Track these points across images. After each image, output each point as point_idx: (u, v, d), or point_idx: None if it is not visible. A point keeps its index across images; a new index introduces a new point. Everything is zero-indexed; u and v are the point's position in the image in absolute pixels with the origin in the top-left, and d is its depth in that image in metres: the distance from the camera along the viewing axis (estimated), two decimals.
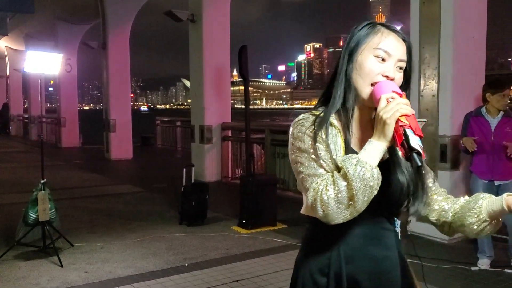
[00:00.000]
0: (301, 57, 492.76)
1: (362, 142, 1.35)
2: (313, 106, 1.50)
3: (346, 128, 1.39)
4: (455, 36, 5.05)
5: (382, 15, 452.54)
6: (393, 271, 1.45)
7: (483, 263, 4.38)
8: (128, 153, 13.16)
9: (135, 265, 4.52)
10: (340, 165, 1.27)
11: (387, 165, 1.38)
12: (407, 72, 1.42)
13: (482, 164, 4.37)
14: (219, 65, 9.36)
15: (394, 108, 1.23)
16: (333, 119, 1.38)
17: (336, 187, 1.24)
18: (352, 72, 1.39)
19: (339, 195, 1.24)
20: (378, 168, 1.26)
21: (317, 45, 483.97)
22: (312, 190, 1.29)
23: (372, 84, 1.35)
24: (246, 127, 6.54)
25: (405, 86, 1.42)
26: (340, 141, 1.36)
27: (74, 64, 16.72)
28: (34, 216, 4.64)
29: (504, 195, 1.32)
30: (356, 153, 1.31)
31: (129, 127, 13.20)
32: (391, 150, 1.34)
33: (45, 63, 5.17)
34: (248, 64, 6.57)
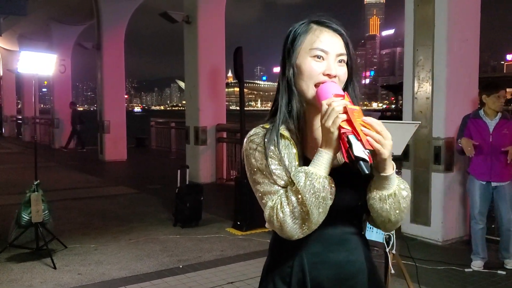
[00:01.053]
0: None
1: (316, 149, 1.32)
2: None
3: (296, 136, 1.34)
4: (449, 38, 5.07)
5: (377, 17, 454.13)
6: (359, 276, 1.39)
7: (477, 264, 4.40)
8: (122, 154, 13.11)
9: (129, 267, 4.50)
10: (292, 179, 1.25)
11: (344, 169, 1.33)
12: (349, 66, 1.36)
13: (479, 166, 4.40)
14: (214, 66, 9.36)
15: (333, 114, 1.18)
16: (284, 129, 1.34)
17: (290, 203, 1.23)
18: (293, 77, 1.35)
19: (294, 211, 1.22)
20: (328, 178, 1.23)
21: None
22: (268, 208, 1.27)
23: (316, 85, 1.31)
24: (241, 128, 6.54)
25: (349, 80, 1.38)
26: (294, 151, 1.32)
27: (68, 65, 16.66)
28: (27, 218, 4.61)
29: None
30: (310, 161, 1.27)
31: (124, 128, 13.15)
32: None
33: (39, 63, 5.12)
34: (243, 66, 6.57)
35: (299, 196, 1.21)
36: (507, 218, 4.35)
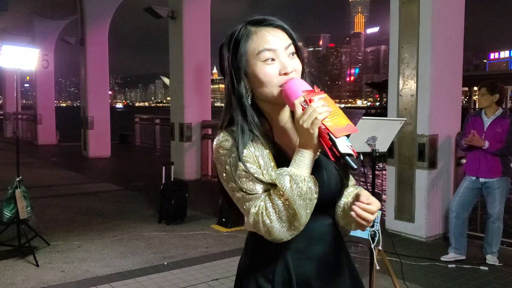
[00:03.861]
0: None
1: (289, 143, 1.33)
2: None
3: (263, 137, 1.31)
4: (434, 36, 5.11)
5: (361, 15, 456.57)
6: (341, 267, 1.41)
7: (447, 256, 4.55)
8: (106, 151, 13.00)
9: (113, 264, 4.46)
10: (275, 182, 1.21)
11: (319, 162, 1.30)
12: (298, 52, 1.32)
13: (470, 161, 4.55)
14: (199, 62, 9.32)
15: (312, 115, 1.15)
16: (255, 130, 1.31)
17: (277, 208, 1.20)
18: (249, 88, 1.32)
19: (281, 215, 1.19)
20: (312, 178, 1.21)
21: None
22: (253, 214, 1.23)
23: (280, 86, 1.27)
24: None
25: (303, 67, 1.33)
26: (266, 151, 1.28)
27: (51, 60, 16.42)
28: (9, 215, 4.55)
29: (351, 198, 1.37)
30: (287, 158, 1.26)
31: (107, 124, 13.03)
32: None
33: (21, 58, 5.02)
34: None
35: (286, 200, 1.18)
36: (493, 211, 4.43)
